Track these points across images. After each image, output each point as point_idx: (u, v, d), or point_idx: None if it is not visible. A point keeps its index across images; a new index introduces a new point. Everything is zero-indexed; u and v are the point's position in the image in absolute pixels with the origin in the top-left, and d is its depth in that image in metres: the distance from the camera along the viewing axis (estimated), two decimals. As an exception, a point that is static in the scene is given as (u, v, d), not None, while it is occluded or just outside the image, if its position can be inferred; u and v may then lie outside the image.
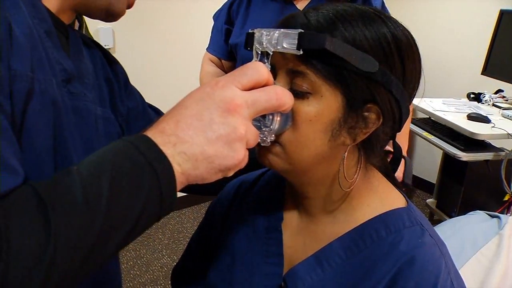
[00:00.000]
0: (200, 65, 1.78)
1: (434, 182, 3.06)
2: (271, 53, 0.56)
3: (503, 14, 2.57)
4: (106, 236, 0.42)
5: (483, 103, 2.65)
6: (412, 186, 3.68)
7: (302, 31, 0.54)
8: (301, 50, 0.53)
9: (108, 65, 0.77)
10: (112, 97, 0.75)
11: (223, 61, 1.69)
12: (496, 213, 1.68)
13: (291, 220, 0.73)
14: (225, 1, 1.67)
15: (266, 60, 0.57)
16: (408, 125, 1.65)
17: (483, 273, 1.36)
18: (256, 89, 0.50)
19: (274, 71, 0.59)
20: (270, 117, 0.54)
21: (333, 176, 0.64)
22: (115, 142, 0.47)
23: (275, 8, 1.54)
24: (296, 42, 0.53)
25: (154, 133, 0.47)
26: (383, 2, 1.61)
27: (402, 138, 1.60)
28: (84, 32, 0.79)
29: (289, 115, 0.57)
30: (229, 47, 1.64)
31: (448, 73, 3.33)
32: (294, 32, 0.54)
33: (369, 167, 0.67)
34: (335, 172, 0.64)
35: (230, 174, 0.50)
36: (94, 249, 0.42)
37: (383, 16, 0.59)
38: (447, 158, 2.74)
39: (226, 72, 1.71)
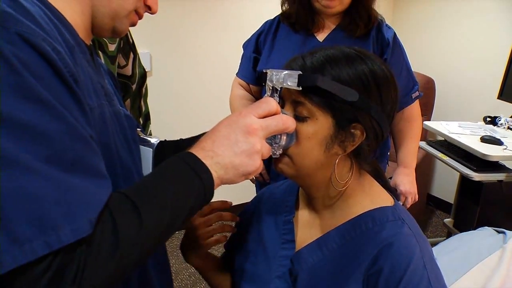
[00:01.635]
0: (230, 88, 1.96)
1: (453, 202, 3.16)
2: (279, 89, 0.76)
3: (517, 41, 2.70)
4: (172, 222, 0.62)
5: (498, 126, 2.76)
6: (433, 206, 3.78)
7: (301, 73, 0.74)
8: (300, 87, 0.74)
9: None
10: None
11: (250, 85, 1.87)
12: (503, 229, 1.79)
13: (302, 215, 0.92)
14: (254, 32, 1.86)
15: (275, 94, 0.77)
16: (415, 146, 1.79)
17: (483, 281, 1.48)
18: (268, 117, 0.70)
19: (282, 101, 0.81)
20: (279, 136, 0.74)
21: (329, 178, 0.83)
22: (171, 158, 0.67)
23: (298, 40, 1.72)
24: (297, 81, 0.74)
25: (197, 150, 0.67)
26: (394, 34, 1.77)
27: (410, 157, 1.76)
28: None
29: (293, 134, 0.77)
30: (257, 74, 1.81)
31: (465, 98, 3.45)
32: (295, 73, 0.74)
33: (362, 172, 0.87)
34: (330, 176, 0.83)
35: (250, 177, 0.70)
36: (166, 231, 0.62)
37: (362, 55, 0.79)
38: (464, 179, 2.84)
39: (253, 95, 1.90)
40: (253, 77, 1.84)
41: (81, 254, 0.52)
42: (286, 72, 0.75)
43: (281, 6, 1.79)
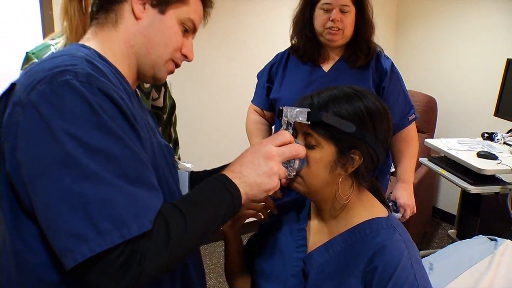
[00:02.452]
0: (245, 113, 2.17)
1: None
2: (292, 123, 0.97)
3: (510, 62, 2.89)
4: (208, 228, 0.81)
5: (495, 142, 2.93)
6: (438, 219, 3.94)
7: (310, 110, 0.95)
8: (309, 121, 0.95)
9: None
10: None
11: (264, 111, 2.07)
12: (495, 237, 1.98)
13: (313, 224, 1.12)
14: (267, 63, 2.07)
15: (290, 126, 0.98)
16: (413, 163, 1.96)
17: (473, 283, 1.66)
18: (284, 146, 0.90)
19: (296, 132, 1.01)
20: (293, 161, 0.94)
21: (334, 194, 1.03)
22: (209, 179, 0.85)
23: (306, 70, 1.93)
24: (306, 116, 0.95)
25: (228, 172, 0.86)
26: (392, 63, 1.94)
27: (408, 173, 1.94)
28: None
29: (304, 159, 0.97)
30: (270, 101, 2.02)
31: (465, 115, 3.64)
32: (305, 111, 0.95)
33: (361, 189, 1.07)
34: (335, 192, 1.03)
35: (270, 193, 0.89)
36: (204, 234, 0.80)
37: (360, 94, 1.00)
38: (464, 193, 3.01)
39: (267, 120, 2.11)
40: (266, 103, 2.05)
41: (144, 243, 0.71)
42: (298, 109, 0.96)
43: (291, 40, 2.00)
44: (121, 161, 0.73)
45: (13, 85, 0.81)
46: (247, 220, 1.18)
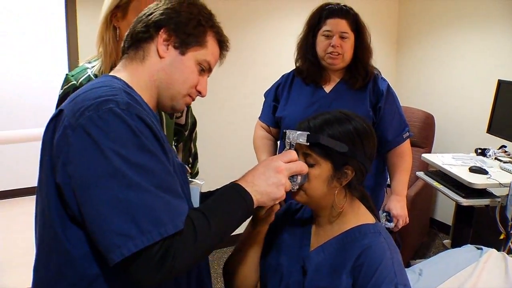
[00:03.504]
0: (253, 129, 2.34)
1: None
2: (294, 144, 1.14)
3: (501, 83, 3.06)
4: (228, 228, 0.96)
5: (487, 157, 3.08)
6: (435, 229, 4.09)
7: (309, 133, 1.12)
8: (308, 143, 1.12)
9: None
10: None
11: (271, 127, 2.25)
12: (481, 246, 2.14)
13: (314, 229, 1.29)
14: (273, 83, 2.25)
15: (292, 147, 1.14)
16: (406, 177, 2.11)
17: (458, 287, 1.83)
18: (291, 162, 1.06)
19: (297, 151, 1.15)
20: (296, 176, 1.12)
21: (331, 204, 1.20)
22: (224, 187, 1.01)
23: (308, 91, 2.10)
24: (306, 139, 1.12)
25: (242, 182, 1.00)
26: (388, 85, 2.11)
27: (401, 186, 2.09)
28: None
29: (306, 175, 1.14)
30: (275, 118, 2.19)
31: (461, 131, 3.81)
32: (305, 134, 1.12)
33: (354, 199, 1.24)
34: (331, 202, 1.20)
35: (277, 202, 1.05)
36: (224, 234, 0.95)
37: (349, 117, 1.18)
38: (459, 205, 3.15)
39: (272, 135, 2.27)
40: (272, 120, 2.22)
41: (177, 241, 0.84)
42: (298, 132, 1.13)
43: (295, 63, 2.18)
44: (157, 174, 0.87)
45: (60, 111, 0.94)
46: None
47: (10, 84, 4.98)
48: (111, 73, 1.09)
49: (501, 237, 2.60)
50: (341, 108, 1.27)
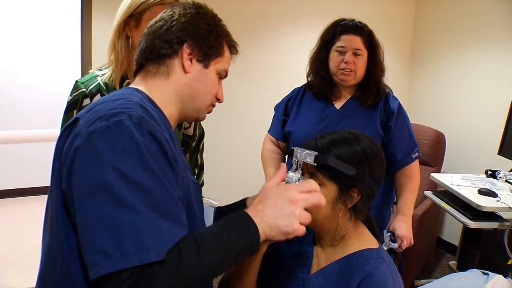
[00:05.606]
0: (262, 142, 2.33)
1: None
2: (301, 163, 1.12)
3: (514, 105, 3.03)
4: (223, 261, 0.86)
5: (497, 179, 3.04)
6: (442, 249, 4.05)
7: (317, 153, 1.09)
8: (316, 163, 1.09)
9: None
10: None
11: (279, 141, 2.23)
12: (487, 271, 2.10)
13: (315, 251, 1.27)
14: (284, 96, 2.24)
15: (299, 166, 1.11)
16: (413, 197, 2.08)
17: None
18: (309, 193, 0.95)
19: (302, 171, 1.14)
20: None
21: (335, 226, 1.18)
22: (232, 214, 0.91)
23: (319, 107, 2.09)
24: (313, 159, 1.10)
25: (250, 210, 0.91)
26: (399, 104, 2.10)
27: (407, 206, 2.07)
28: None
29: None
30: (284, 132, 2.18)
31: (471, 152, 3.77)
32: (313, 153, 1.10)
33: (358, 222, 1.22)
34: (335, 225, 1.18)
35: (290, 237, 0.91)
36: (217, 266, 0.86)
37: (357, 138, 1.16)
38: (466, 227, 3.12)
39: (281, 149, 2.26)
40: (281, 135, 2.21)
41: (156, 269, 0.78)
42: (306, 151, 1.11)
43: (307, 77, 2.17)
44: (153, 195, 0.82)
45: (76, 119, 0.94)
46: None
47: (22, 85, 5.07)
48: (132, 85, 1.08)
49: (509, 262, 2.56)
50: (351, 125, 1.26)
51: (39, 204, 4.98)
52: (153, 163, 0.85)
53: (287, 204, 0.91)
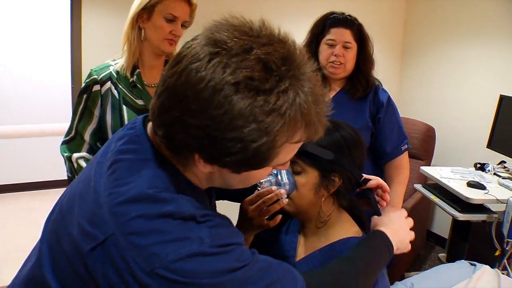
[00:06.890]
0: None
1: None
2: None
3: (502, 98, 3.06)
4: (372, 274, 1.04)
5: (486, 172, 3.07)
6: (432, 242, 4.09)
7: None
8: None
9: None
10: None
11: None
12: (475, 262, 2.13)
13: (299, 240, 1.28)
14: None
15: None
16: (402, 189, 2.10)
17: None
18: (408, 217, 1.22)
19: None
20: (284, 183, 1.13)
21: (318, 213, 1.20)
22: (374, 234, 1.11)
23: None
24: None
25: (386, 231, 1.10)
26: (389, 96, 2.11)
27: (396, 198, 2.09)
28: None
29: (294, 183, 1.14)
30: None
31: (461, 145, 3.81)
32: None
33: (342, 211, 1.23)
34: (319, 211, 1.20)
35: (408, 249, 1.16)
36: (366, 280, 1.02)
37: (337, 126, 1.17)
38: (455, 219, 3.16)
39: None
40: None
41: None
42: None
43: (297, 70, 2.19)
44: None
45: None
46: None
47: (13, 80, 5.02)
48: None
49: (497, 253, 2.59)
50: (341, 117, 1.26)
51: (31, 200, 5.00)
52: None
53: (406, 226, 1.19)
